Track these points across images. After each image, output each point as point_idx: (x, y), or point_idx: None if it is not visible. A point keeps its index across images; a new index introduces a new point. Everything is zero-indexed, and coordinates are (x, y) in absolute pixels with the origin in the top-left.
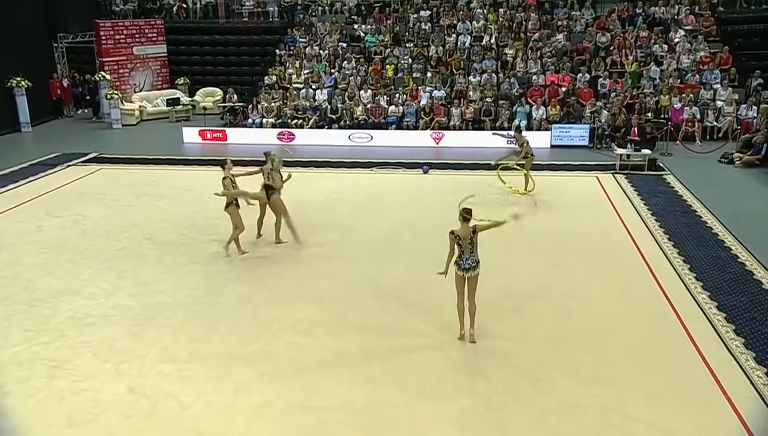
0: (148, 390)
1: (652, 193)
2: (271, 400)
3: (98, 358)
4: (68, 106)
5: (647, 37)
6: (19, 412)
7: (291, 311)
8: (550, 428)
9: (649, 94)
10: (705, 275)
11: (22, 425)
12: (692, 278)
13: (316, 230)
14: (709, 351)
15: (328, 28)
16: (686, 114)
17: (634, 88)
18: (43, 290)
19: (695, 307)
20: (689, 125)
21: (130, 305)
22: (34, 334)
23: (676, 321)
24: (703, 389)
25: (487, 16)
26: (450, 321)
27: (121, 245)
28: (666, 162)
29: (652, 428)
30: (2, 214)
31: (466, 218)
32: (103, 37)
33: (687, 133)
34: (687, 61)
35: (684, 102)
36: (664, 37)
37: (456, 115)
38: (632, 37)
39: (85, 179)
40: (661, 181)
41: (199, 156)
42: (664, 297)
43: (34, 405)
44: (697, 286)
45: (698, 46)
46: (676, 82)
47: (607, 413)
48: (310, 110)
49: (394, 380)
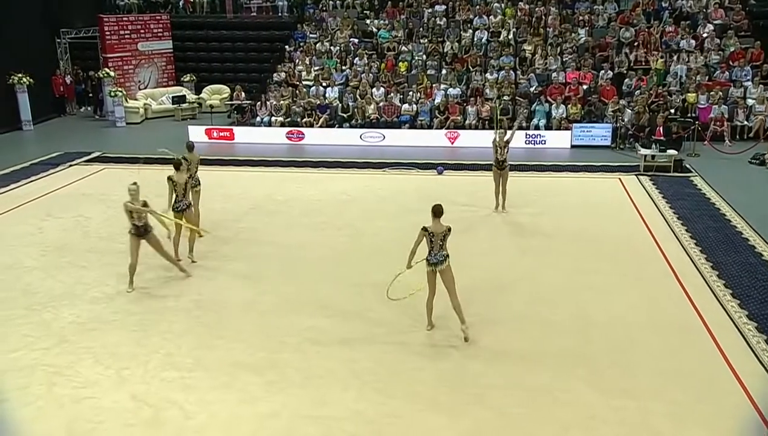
0: (151, 398)
1: (678, 196)
2: (277, 410)
3: (100, 364)
4: (71, 104)
5: (674, 32)
6: (18, 420)
7: (298, 318)
8: None
9: (675, 92)
10: (735, 282)
11: (21, 433)
12: (721, 286)
13: (325, 233)
14: (739, 363)
15: (339, 24)
16: (715, 113)
17: (660, 85)
18: (43, 293)
19: (724, 316)
20: (718, 125)
21: (132, 310)
22: (34, 339)
23: (703, 331)
24: (733, 404)
25: (504, 11)
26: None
27: (123, 247)
28: (693, 163)
29: None
30: (2, 216)
31: (438, 215)
32: (107, 32)
33: (715, 133)
34: (716, 57)
35: (712, 100)
36: (692, 32)
37: (472, 113)
38: (658, 32)
39: (87, 179)
40: (688, 184)
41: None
42: (691, 306)
43: (34, 413)
44: (726, 293)
45: (728, 42)
46: (704, 79)
47: (630, 427)
48: (320, 108)
49: (404, 390)
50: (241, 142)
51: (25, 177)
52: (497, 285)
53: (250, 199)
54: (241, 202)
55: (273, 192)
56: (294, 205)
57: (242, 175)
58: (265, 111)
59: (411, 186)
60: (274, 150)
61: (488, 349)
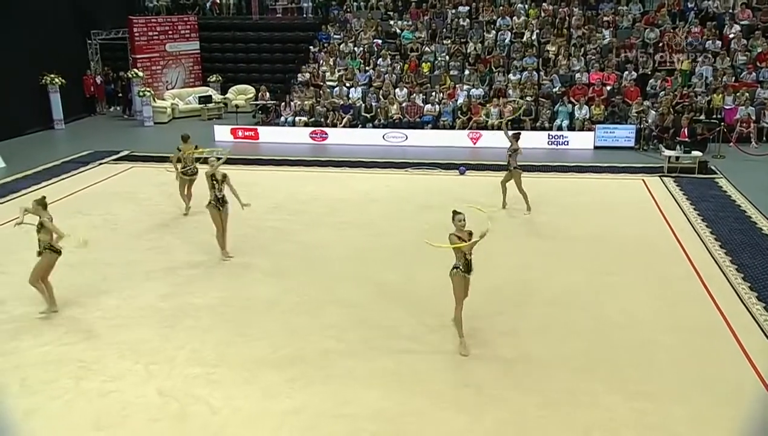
0: (177, 393)
1: (702, 197)
2: (300, 407)
3: (127, 359)
4: (101, 104)
5: (699, 32)
6: (46, 413)
7: (320, 316)
8: None
9: (700, 93)
10: (760, 285)
11: (49, 426)
12: (746, 288)
13: (347, 232)
14: (765, 367)
15: (363, 25)
16: (741, 114)
17: (685, 87)
18: (71, 290)
19: (750, 319)
20: (744, 126)
21: (159, 306)
22: (63, 334)
23: (728, 334)
24: (760, 409)
25: (528, 12)
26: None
27: (150, 244)
28: (718, 165)
29: None
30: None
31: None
32: (136, 33)
33: (741, 135)
34: (743, 58)
35: (739, 101)
36: (718, 33)
37: (494, 114)
38: (683, 33)
39: (116, 178)
40: (713, 185)
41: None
42: (715, 308)
43: (61, 406)
44: (752, 296)
45: (755, 42)
46: (730, 80)
47: (651, 431)
48: (344, 109)
49: (426, 389)
50: (266, 142)
51: (56, 175)
52: (518, 285)
53: (274, 198)
54: (264, 201)
55: (296, 191)
56: (317, 204)
57: (266, 175)
58: (289, 111)
59: (433, 186)
60: (298, 150)
61: (509, 350)
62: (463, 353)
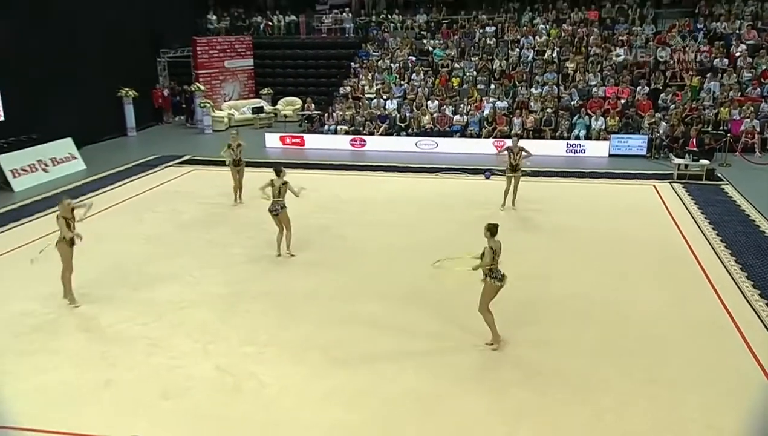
0: (232, 369)
1: (709, 202)
2: (341, 385)
3: (190, 338)
4: (167, 114)
5: (708, 51)
6: (121, 383)
7: (359, 305)
8: (605, 425)
9: (708, 107)
10: (763, 283)
11: (124, 395)
12: (750, 286)
13: (383, 229)
14: (767, 359)
15: (398, 43)
16: (746, 126)
17: (694, 100)
18: (143, 276)
19: (753, 315)
20: (749, 137)
21: (217, 292)
22: (136, 314)
23: (733, 329)
24: (764, 398)
25: (549, 32)
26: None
27: (210, 238)
28: (724, 172)
29: (707, 429)
30: (110, 209)
31: (494, 233)
32: (199, 52)
33: (746, 145)
34: (748, 74)
35: (744, 114)
36: (725, 51)
37: (517, 124)
38: (693, 51)
39: (179, 179)
40: (719, 191)
41: (279, 159)
42: (721, 304)
43: (134, 378)
44: (755, 294)
45: (760, 60)
46: (736, 94)
47: (663, 414)
48: (381, 118)
49: (453, 373)
50: (311, 148)
51: (129, 176)
52: (540, 279)
53: (318, 198)
54: (309, 201)
55: (337, 192)
56: (356, 204)
57: (311, 177)
58: (331, 120)
59: (461, 189)
60: (339, 155)
61: (530, 338)
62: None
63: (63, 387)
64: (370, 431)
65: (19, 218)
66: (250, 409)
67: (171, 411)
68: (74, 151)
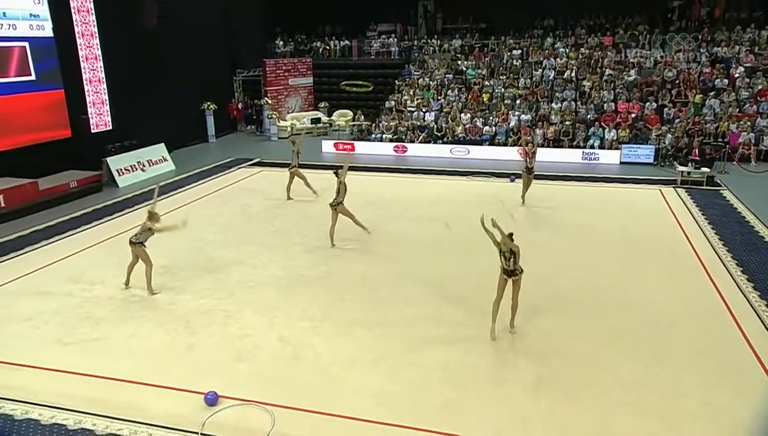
0: (293, 340)
1: (709, 205)
2: (383, 356)
3: (257, 313)
4: (241, 124)
5: (710, 72)
6: (203, 348)
7: (402, 289)
8: (615, 398)
9: (709, 121)
10: (756, 277)
11: (205, 357)
12: (744, 280)
13: (422, 225)
14: (759, 345)
15: (437, 64)
16: (743, 138)
17: (696, 115)
18: (219, 260)
19: (747, 305)
20: (745, 148)
21: (279, 275)
22: (213, 291)
23: (729, 317)
24: (756, 378)
25: (568, 55)
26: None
27: (274, 229)
28: (723, 179)
29: (705, 406)
30: (193, 203)
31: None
32: (267, 71)
33: (743, 155)
34: (746, 93)
35: (742, 128)
36: (725, 73)
37: (539, 134)
38: (696, 72)
39: (250, 179)
40: (718, 196)
41: (333, 162)
42: (719, 296)
43: (213, 343)
44: (749, 286)
45: (756, 81)
46: (735, 111)
47: (665, 392)
48: (420, 128)
49: (480, 350)
50: (360, 153)
51: (209, 175)
52: (554, 273)
53: (366, 196)
54: (358, 199)
55: (382, 191)
56: (398, 202)
57: (360, 178)
58: (378, 130)
59: (489, 190)
60: (384, 159)
61: (548, 323)
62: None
63: (154, 349)
64: (407, 397)
65: (123, 208)
66: (307, 374)
67: (242, 373)
68: (166, 154)
